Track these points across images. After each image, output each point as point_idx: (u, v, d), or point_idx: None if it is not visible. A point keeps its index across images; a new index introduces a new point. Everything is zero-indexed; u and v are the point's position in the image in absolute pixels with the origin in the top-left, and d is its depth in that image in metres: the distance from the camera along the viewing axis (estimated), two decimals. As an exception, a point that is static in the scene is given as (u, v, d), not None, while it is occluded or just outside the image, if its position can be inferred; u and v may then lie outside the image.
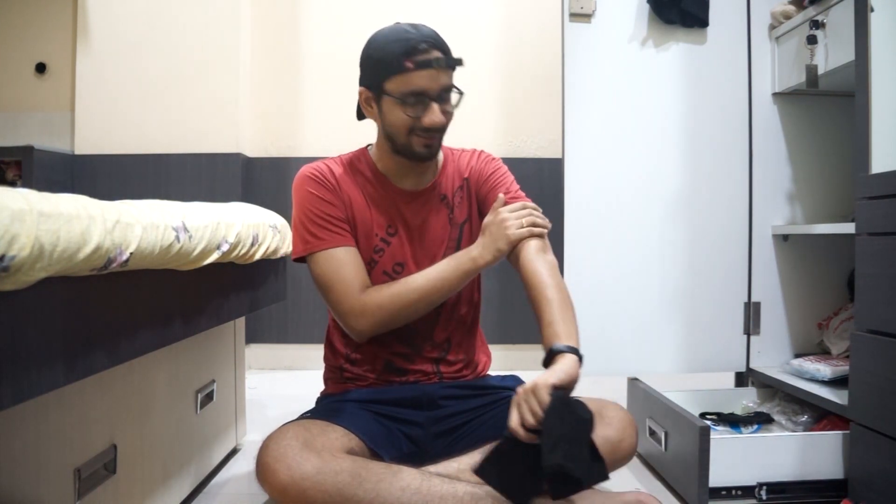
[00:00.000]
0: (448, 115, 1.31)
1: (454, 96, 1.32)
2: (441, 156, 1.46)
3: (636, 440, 1.31)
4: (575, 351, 1.14)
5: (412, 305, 1.31)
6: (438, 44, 1.28)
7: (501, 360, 2.62)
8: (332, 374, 1.48)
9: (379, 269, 1.38)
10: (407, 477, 1.17)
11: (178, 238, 1.03)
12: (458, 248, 1.42)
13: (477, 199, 1.46)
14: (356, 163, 1.42)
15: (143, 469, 1.22)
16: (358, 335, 1.34)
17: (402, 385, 1.41)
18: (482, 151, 1.50)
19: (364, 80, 1.34)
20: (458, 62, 1.29)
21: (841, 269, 1.94)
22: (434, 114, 1.27)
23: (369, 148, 1.45)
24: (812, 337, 1.94)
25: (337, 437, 1.22)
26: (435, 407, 1.38)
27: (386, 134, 1.36)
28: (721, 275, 1.92)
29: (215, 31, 2.88)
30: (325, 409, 1.36)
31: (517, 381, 1.52)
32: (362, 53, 1.34)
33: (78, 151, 2.88)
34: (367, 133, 1.47)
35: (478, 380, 1.48)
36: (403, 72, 1.25)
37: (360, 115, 1.42)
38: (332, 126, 3.03)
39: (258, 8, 3.05)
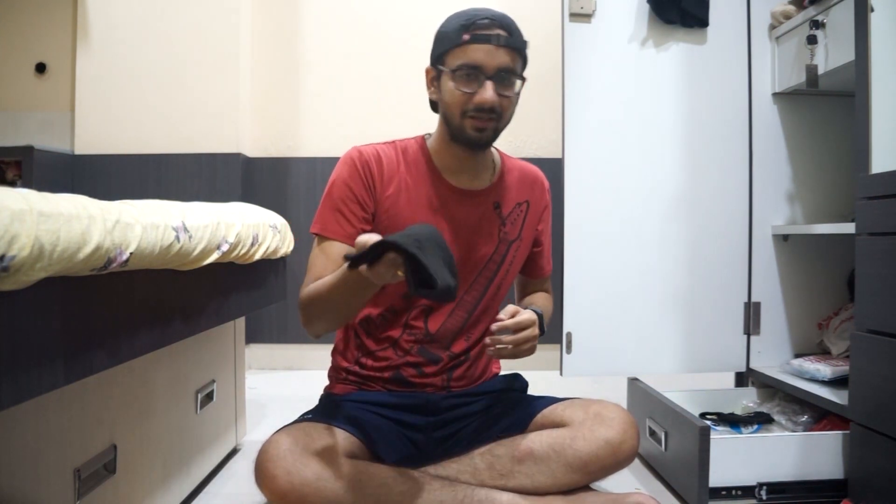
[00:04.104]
0: (506, 100, 1.24)
1: (517, 83, 1.26)
2: (498, 159, 1.42)
3: (637, 442, 1.28)
4: (539, 316, 1.26)
5: (320, 306, 1.23)
6: (503, 23, 1.23)
7: (502, 360, 2.61)
8: (338, 373, 1.44)
9: None
10: (407, 482, 1.17)
11: (178, 238, 1.03)
12: (499, 269, 1.39)
13: (531, 227, 1.43)
14: (411, 152, 1.36)
15: (143, 469, 1.22)
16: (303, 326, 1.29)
17: (407, 392, 1.39)
18: (543, 177, 1.47)
19: (431, 58, 1.30)
20: (523, 44, 1.24)
21: (841, 269, 1.94)
22: (486, 91, 1.21)
23: (427, 137, 1.39)
24: (812, 337, 1.94)
25: (337, 440, 1.20)
26: (438, 412, 1.37)
27: (443, 116, 1.31)
28: (721, 275, 1.92)
29: (215, 31, 2.88)
30: (328, 408, 1.34)
31: (520, 381, 1.51)
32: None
33: (78, 151, 2.88)
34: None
35: (480, 385, 1.45)
36: (461, 44, 1.21)
37: (433, 105, 1.36)
38: (332, 126, 3.03)
39: (258, 8, 3.05)
